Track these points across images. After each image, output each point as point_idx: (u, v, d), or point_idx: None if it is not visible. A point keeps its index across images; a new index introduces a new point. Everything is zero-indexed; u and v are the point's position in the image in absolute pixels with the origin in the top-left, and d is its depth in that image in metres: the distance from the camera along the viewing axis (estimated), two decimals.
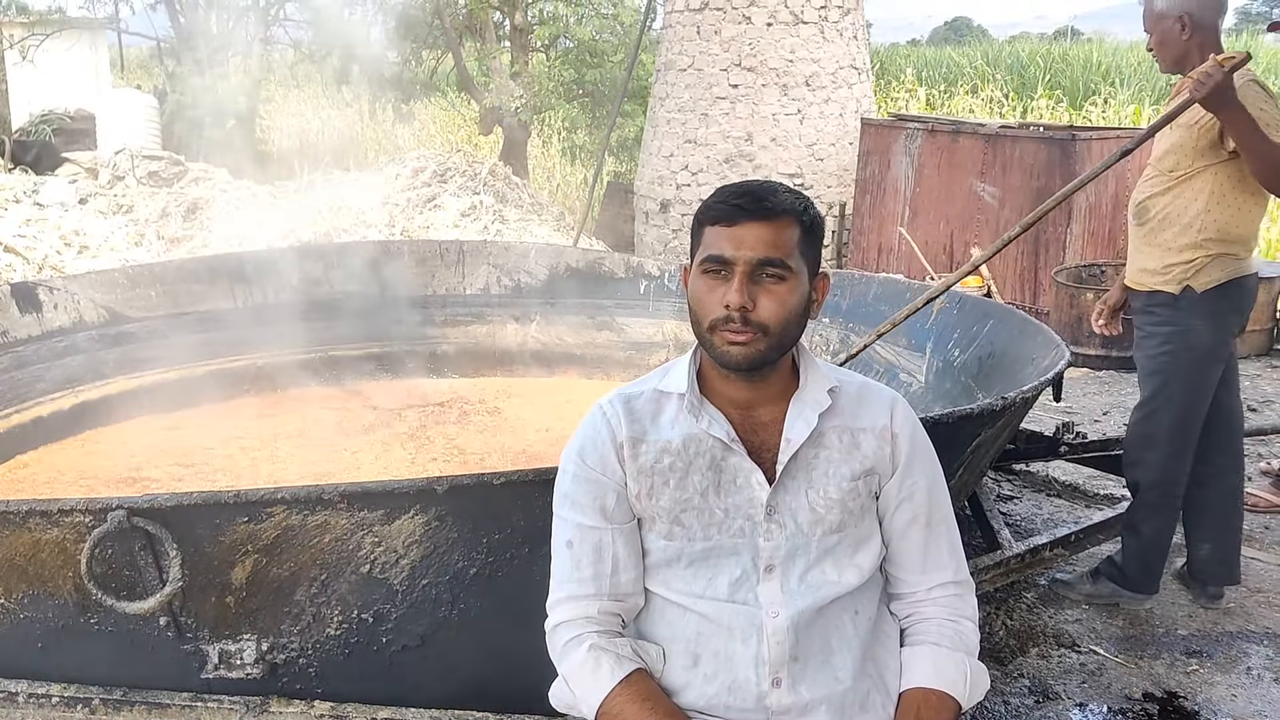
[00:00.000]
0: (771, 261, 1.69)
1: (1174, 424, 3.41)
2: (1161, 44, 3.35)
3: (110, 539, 2.28)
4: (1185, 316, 3.33)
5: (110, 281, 5.29)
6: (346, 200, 11.38)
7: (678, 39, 9.88)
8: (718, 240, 1.71)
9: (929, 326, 4.66)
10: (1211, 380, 3.42)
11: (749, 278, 1.69)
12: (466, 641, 2.54)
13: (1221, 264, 3.28)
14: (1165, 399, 3.41)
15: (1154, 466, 3.48)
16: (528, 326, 6.06)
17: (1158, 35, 3.35)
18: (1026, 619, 3.56)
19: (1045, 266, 7.81)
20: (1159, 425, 3.43)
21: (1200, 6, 3.27)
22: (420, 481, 2.33)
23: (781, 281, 1.70)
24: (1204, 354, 3.36)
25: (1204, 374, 3.39)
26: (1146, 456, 3.49)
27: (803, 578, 1.75)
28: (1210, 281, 3.28)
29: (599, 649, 1.72)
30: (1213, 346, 3.36)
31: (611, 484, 1.78)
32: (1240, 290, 3.35)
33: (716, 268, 1.71)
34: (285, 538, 2.35)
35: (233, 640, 2.49)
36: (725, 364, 1.73)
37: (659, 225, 10.23)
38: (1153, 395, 3.43)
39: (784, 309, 1.70)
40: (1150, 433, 3.46)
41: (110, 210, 10.76)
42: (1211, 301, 3.30)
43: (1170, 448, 3.44)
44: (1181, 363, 3.36)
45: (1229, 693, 3.15)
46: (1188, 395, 3.39)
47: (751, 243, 1.69)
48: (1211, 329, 3.33)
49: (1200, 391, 3.40)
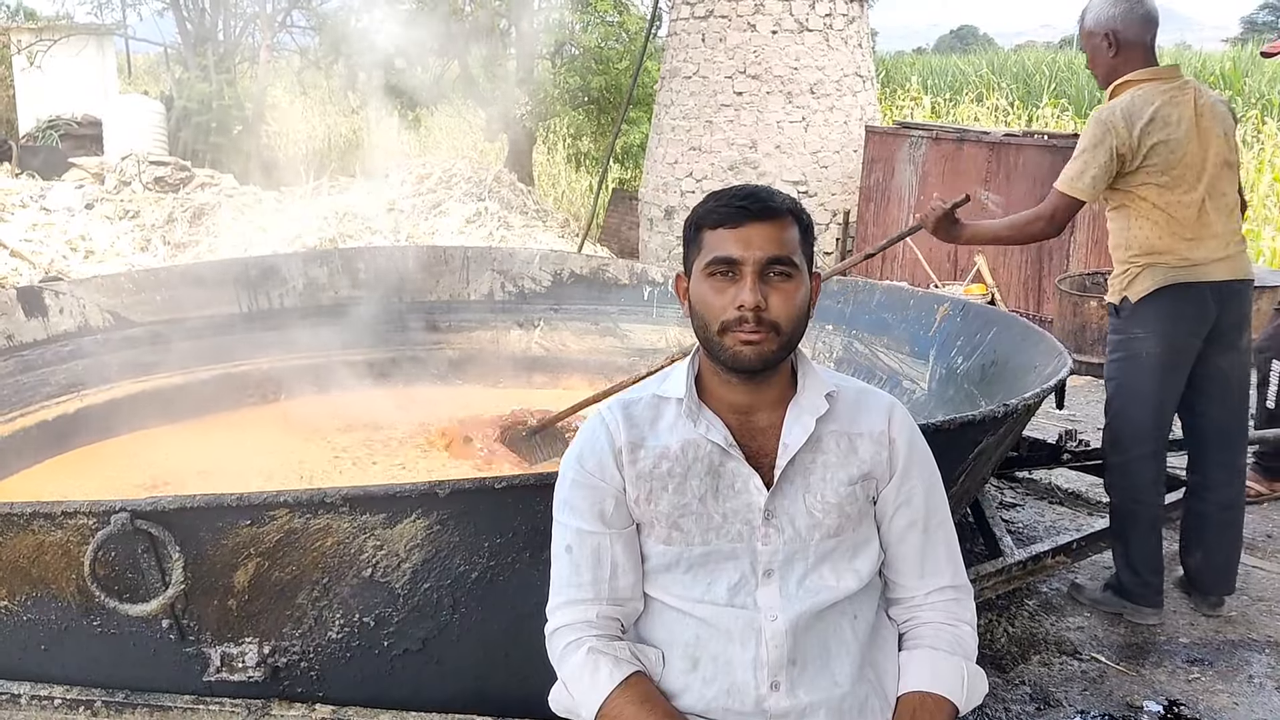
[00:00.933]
0: (779, 259, 1.71)
1: (1133, 430, 3.48)
2: (1093, 61, 3.48)
3: (113, 541, 2.29)
4: (1126, 325, 3.44)
5: (115, 286, 5.30)
6: (352, 206, 11.41)
7: (683, 46, 9.90)
8: (723, 242, 1.72)
9: (932, 334, 4.67)
10: (1165, 388, 3.44)
11: (759, 277, 1.70)
12: (467, 645, 2.55)
13: (1152, 273, 3.36)
14: (1119, 406, 3.51)
15: (1119, 472, 3.56)
16: (531, 333, 6.07)
17: (1089, 52, 3.48)
18: (1028, 626, 3.56)
19: (1049, 274, 7.81)
20: (1120, 431, 3.52)
21: (1125, 24, 3.37)
22: (422, 485, 2.33)
23: (789, 279, 1.72)
24: (1149, 361, 3.41)
25: (1153, 381, 3.43)
26: (1113, 461, 3.57)
27: (801, 582, 1.76)
28: (1142, 290, 3.38)
29: (597, 652, 1.73)
30: (1159, 353, 3.40)
31: (610, 489, 1.79)
32: (1181, 296, 3.36)
33: (724, 269, 1.72)
34: (287, 541, 2.36)
35: (235, 643, 2.49)
36: (736, 365, 1.74)
37: (663, 232, 10.24)
38: (1109, 402, 3.55)
39: (793, 306, 1.72)
40: (1113, 438, 3.55)
41: (116, 215, 10.81)
42: (1148, 309, 3.38)
43: (1130, 454, 3.50)
44: (1130, 369, 3.45)
45: (1230, 701, 3.15)
46: (1138, 402, 3.45)
47: (759, 242, 1.71)
48: (1154, 337, 3.38)
49: (1151, 399, 3.44)
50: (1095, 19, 3.42)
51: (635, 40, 14.64)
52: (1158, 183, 3.30)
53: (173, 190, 11.73)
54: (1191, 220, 3.33)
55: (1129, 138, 3.26)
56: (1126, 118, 3.27)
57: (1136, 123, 3.26)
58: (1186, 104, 3.32)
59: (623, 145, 14.44)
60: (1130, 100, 3.30)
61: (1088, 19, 3.46)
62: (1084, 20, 3.48)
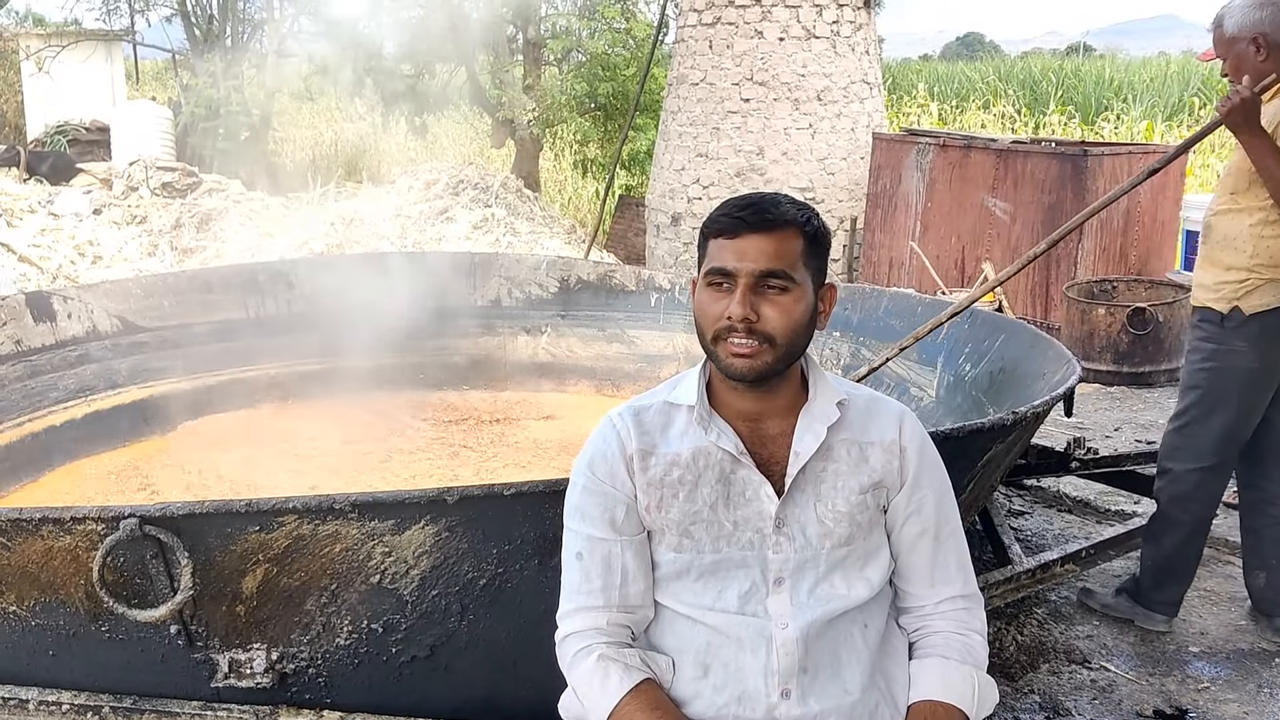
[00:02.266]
0: (774, 273, 1.70)
1: (1206, 442, 3.36)
2: (1237, 69, 3.23)
3: (122, 547, 2.29)
4: (1230, 336, 3.28)
5: (124, 291, 5.32)
6: (359, 212, 11.43)
7: (690, 53, 9.90)
8: (720, 253, 1.72)
9: (940, 341, 4.66)
10: (1253, 405, 3.35)
11: (752, 289, 1.70)
12: (475, 653, 2.55)
13: (1273, 288, 3.21)
14: (1199, 415, 3.36)
15: (1177, 480, 3.43)
16: (538, 339, 6.08)
17: (1232, 60, 3.25)
18: (1037, 635, 3.55)
19: (1057, 282, 7.79)
20: (1190, 440, 3.39)
21: (1273, 25, 3.16)
22: (431, 492, 2.33)
23: (785, 292, 1.71)
24: (1245, 377, 3.29)
25: (1243, 397, 3.32)
26: (1172, 468, 3.45)
27: (812, 591, 1.75)
28: (1259, 305, 3.23)
29: (608, 659, 1.73)
30: (1255, 370, 3.29)
31: (621, 496, 1.78)
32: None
33: (720, 280, 1.72)
34: (296, 547, 2.36)
35: (243, 649, 2.49)
36: (731, 376, 1.74)
37: (670, 238, 10.24)
38: (1187, 409, 3.40)
39: (788, 319, 1.71)
40: (1179, 445, 3.42)
41: (124, 221, 10.84)
42: (1258, 324, 3.24)
43: (1197, 464, 3.38)
44: (1220, 381, 3.31)
45: (1240, 710, 3.14)
46: (1223, 415, 3.33)
47: (753, 255, 1.70)
48: (1256, 352, 3.26)
49: (1237, 414, 3.34)
50: (1239, 23, 3.20)
51: (642, 47, 14.65)
52: None
53: (180, 196, 11.75)
54: None
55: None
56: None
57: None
58: None
59: (629, 152, 14.45)
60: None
61: (1229, 24, 3.23)
62: (1223, 25, 3.26)
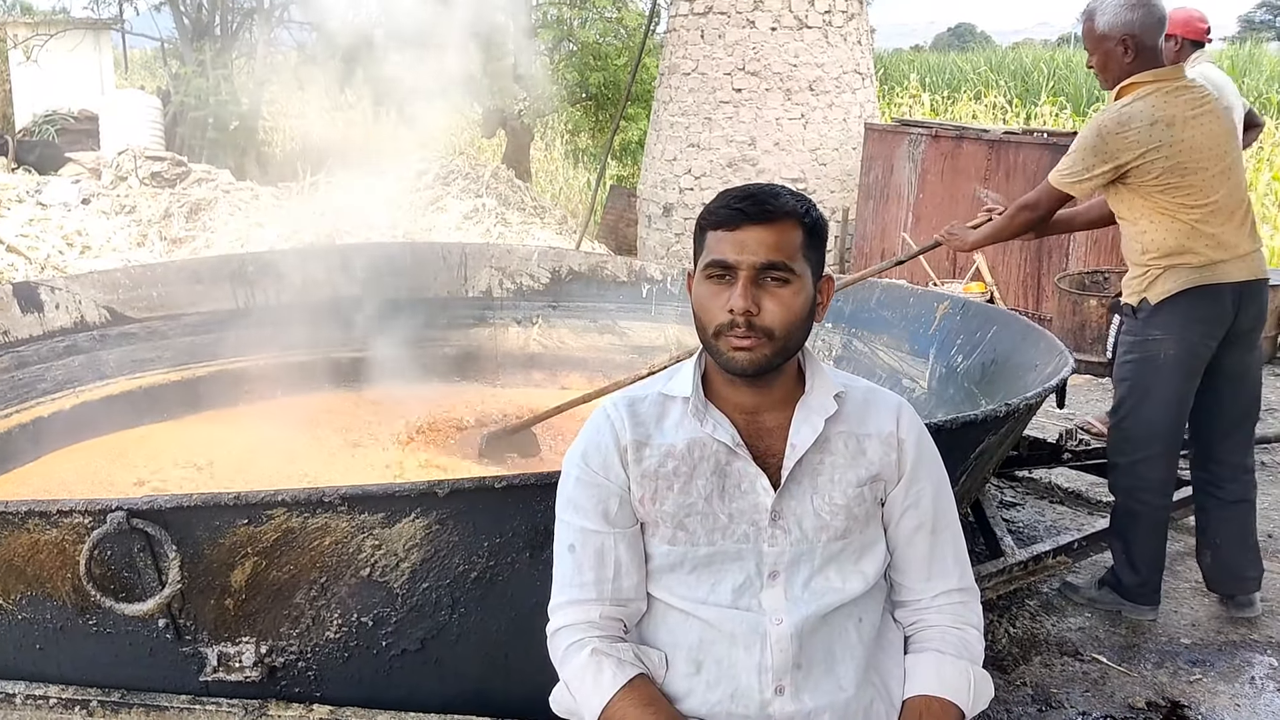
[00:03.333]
0: (774, 265, 1.68)
1: (1142, 432, 3.44)
2: (1104, 65, 3.38)
3: (109, 540, 2.27)
4: (1144, 327, 3.38)
5: (112, 282, 5.27)
6: (349, 202, 11.37)
7: (681, 43, 9.87)
8: (720, 245, 1.70)
9: (932, 333, 4.65)
10: (1180, 389, 3.41)
11: (753, 282, 1.68)
12: (466, 646, 2.53)
13: (1175, 275, 3.31)
14: (1132, 406, 3.46)
15: (1126, 472, 3.51)
16: (529, 330, 6.05)
17: (1099, 57, 3.38)
18: (1029, 627, 3.54)
19: (1048, 273, 7.79)
20: (1129, 432, 3.48)
21: (1143, 29, 3.29)
22: (422, 484, 2.31)
23: (785, 285, 1.69)
24: (1166, 363, 3.37)
25: (1168, 382, 3.39)
26: (1120, 461, 3.53)
27: (807, 584, 1.74)
28: (1164, 292, 3.33)
29: (601, 654, 1.71)
30: (1174, 355, 3.36)
31: (615, 488, 1.76)
32: (1202, 299, 3.32)
33: (720, 272, 1.70)
34: (285, 540, 2.34)
35: (231, 643, 2.47)
36: (731, 370, 1.72)
37: (661, 229, 10.22)
38: (1121, 403, 3.49)
39: (788, 312, 1.69)
40: (1120, 439, 3.51)
41: (113, 211, 10.77)
42: (1168, 311, 3.33)
43: (1140, 454, 3.46)
44: (1144, 371, 3.40)
45: (1232, 702, 3.14)
46: (1153, 403, 3.41)
47: (754, 247, 1.68)
48: (1172, 339, 3.34)
49: (1166, 400, 3.41)
50: (1111, 22, 3.30)
51: (634, 36, 14.61)
52: (1174, 184, 3.24)
53: (169, 185, 11.68)
54: (1210, 221, 3.28)
55: (1137, 143, 3.22)
56: (1130, 123, 3.23)
57: (1145, 127, 3.22)
58: (1193, 104, 3.28)
59: (621, 142, 14.42)
60: (1141, 105, 3.25)
61: (1100, 22, 3.33)
62: (1094, 22, 3.35)
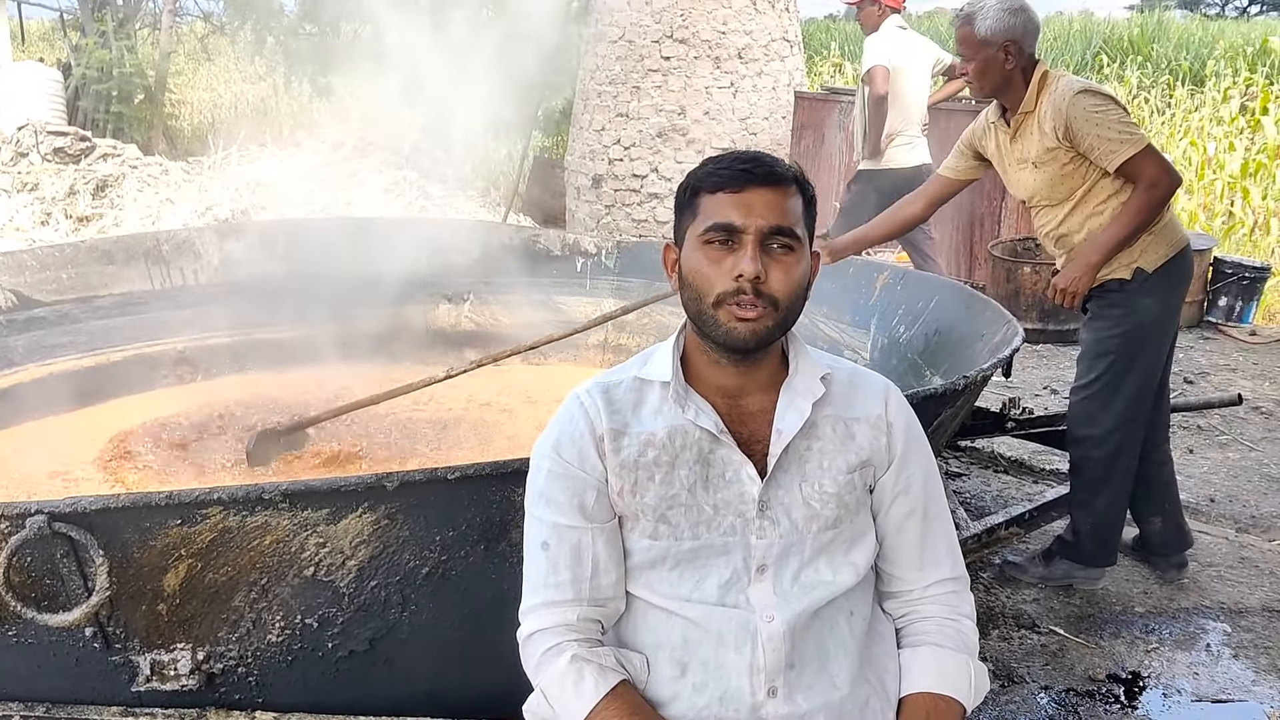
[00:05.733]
0: (782, 230, 1.57)
1: (1127, 401, 3.41)
2: (982, 73, 3.33)
3: (29, 546, 2.08)
4: (1137, 297, 3.33)
5: (18, 264, 4.98)
6: (264, 177, 11.01)
7: (608, 9, 9.68)
8: (723, 208, 1.58)
9: (873, 303, 4.59)
10: (1162, 354, 3.47)
11: (759, 247, 1.56)
12: (418, 645, 2.40)
13: (1164, 237, 3.31)
14: (1114, 377, 3.40)
15: (1100, 443, 3.46)
16: (461, 307, 5.87)
17: (979, 63, 3.33)
18: (984, 600, 3.51)
19: (980, 241, 7.80)
20: (1107, 403, 3.42)
21: (1024, 34, 3.28)
22: (369, 478, 2.16)
23: (790, 252, 1.59)
24: (1155, 330, 3.39)
25: (1156, 350, 3.43)
26: (1092, 434, 3.48)
27: (796, 578, 1.63)
28: (1159, 258, 3.31)
29: (581, 659, 1.59)
30: (1161, 321, 3.39)
31: (591, 480, 1.64)
32: (1184, 262, 3.39)
33: (723, 237, 1.58)
34: (222, 540, 2.18)
35: (166, 650, 2.31)
36: (729, 343, 1.60)
37: (590, 200, 10.05)
38: (1098, 377, 3.43)
39: (792, 282, 1.59)
40: (1095, 410, 3.46)
41: (14, 188, 10.29)
42: (1162, 277, 3.33)
43: (1120, 423, 3.43)
44: (1134, 341, 3.37)
45: (1190, 671, 3.14)
46: (1141, 373, 3.40)
47: (761, 209, 1.57)
48: (1161, 304, 3.36)
49: (1151, 368, 3.43)
50: (992, 28, 3.26)
51: None
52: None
53: (74, 161, 11.19)
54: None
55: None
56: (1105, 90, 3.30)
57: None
58: None
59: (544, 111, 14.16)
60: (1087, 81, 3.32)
61: (981, 27, 3.28)
62: (973, 27, 3.30)
